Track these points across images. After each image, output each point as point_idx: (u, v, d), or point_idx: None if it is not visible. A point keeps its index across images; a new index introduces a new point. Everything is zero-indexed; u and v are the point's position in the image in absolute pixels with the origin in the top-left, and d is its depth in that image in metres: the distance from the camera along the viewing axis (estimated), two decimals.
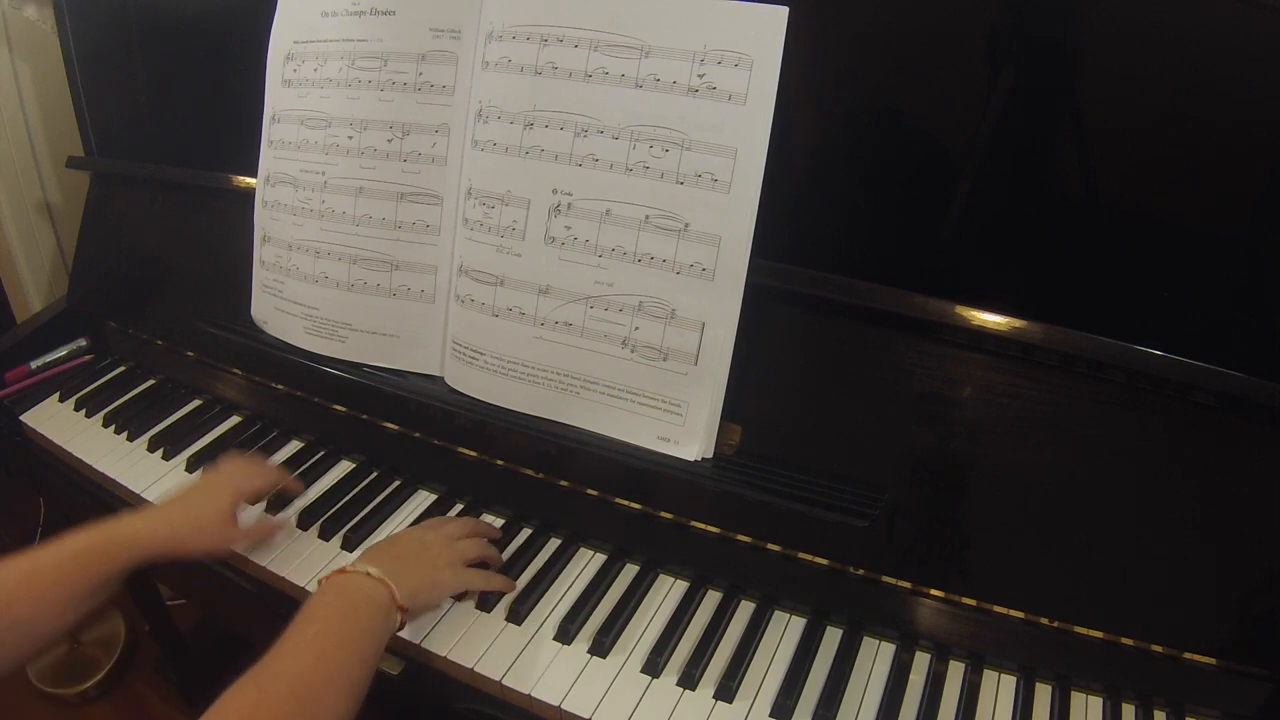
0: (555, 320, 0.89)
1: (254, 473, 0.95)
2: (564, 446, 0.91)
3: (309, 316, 1.04)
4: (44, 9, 1.44)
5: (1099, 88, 0.75)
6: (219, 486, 0.91)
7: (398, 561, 0.80)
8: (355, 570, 0.75)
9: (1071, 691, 0.81)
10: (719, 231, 0.82)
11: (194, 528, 0.86)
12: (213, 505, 0.88)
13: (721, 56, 0.80)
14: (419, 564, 0.81)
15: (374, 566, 0.76)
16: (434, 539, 0.86)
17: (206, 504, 0.88)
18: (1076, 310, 0.77)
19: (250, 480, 0.94)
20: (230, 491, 0.90)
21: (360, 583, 0.75)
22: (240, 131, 1.09)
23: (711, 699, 0.79)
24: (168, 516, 0.86)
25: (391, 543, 0.86)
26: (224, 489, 0.90)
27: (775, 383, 0.86)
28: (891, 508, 0.81)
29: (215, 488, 0.91)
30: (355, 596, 0.74)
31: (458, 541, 0.87)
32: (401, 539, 0.86)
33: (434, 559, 0.83)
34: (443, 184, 0.95)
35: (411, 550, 0.83)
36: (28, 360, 1.25)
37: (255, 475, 0.95)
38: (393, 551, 0.83)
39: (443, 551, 0.84)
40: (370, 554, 0.82)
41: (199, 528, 0.86)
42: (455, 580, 0.84)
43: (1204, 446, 0.75)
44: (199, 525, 0.86)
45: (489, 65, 0.90)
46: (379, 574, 0.75)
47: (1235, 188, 0.75)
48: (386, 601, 0.74)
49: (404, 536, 0.87)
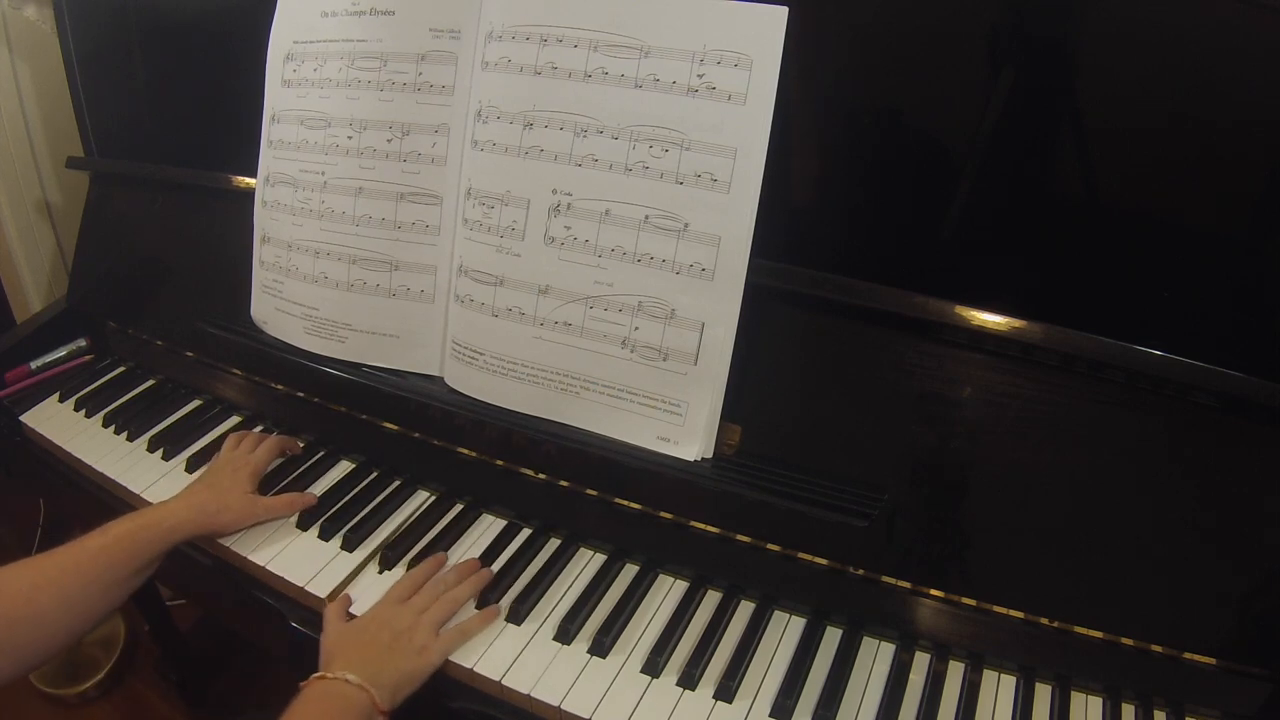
0: (555, 320, 0.89)
1: (262, 448, 1.03)
2: (564, 446, 0.91)
3: (309, 316, 1.04)
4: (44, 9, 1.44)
5: (1099, 88, 0.75)
6: (238, 467, 0.99)
7: (374, 661, 0.77)
8: (336, 678, 0.74)
9: (1071, 691, 0.81)
10: (719, 231, 0.82)
11: (220, 506, 0.93)
12: (236, 485, 0.96)
13: (721, 56, 0.80)
14: (394, 656, 0.78)
15: (353, 673, 0.74)
16: (404, 619, 0.81)
17: (230, 485, 0.96)
18: (1076, 310, 0.77)
19: (260, 455, 1.02)
20: (249, 471, 0.98)
21: (342, 690, 0.73)
22: (240, 131, 1.09)
23: (711, 699, 0.79)
24: (198, 500, 0.94)
25: (361, 633, 0.80)
26: (243, 469, 0.98)
27: (775, 383, 0.86)
28: (891, 508, 0.81)
29: (235, 469, 0.98)
30: (339, 706, 0.73)
31: (428, 611, 0.83)
32: (370, 628, 0.81)
33: (407, 645, 0.79)
34: (442, 184, 0.95)
35: (384, 640, 0.79)
36: (28, 360, 1.25)
37: (263, 450, 1.03)
38: (367, 650, 0.78)
39: (415, 631, 0.80)
40: (344, 653, 0.78)
41: (225, 505, 0.94)
42: (435, 658, 0.80)
43: (1204, 446, 0.75)
44: (224, 504, 0.94)
45: (489, 65, 0.90)
46: (358, 681, 0.73)
47: (1235, 188, 0.75)
48: (368, 709, 0.73)
49: (373, 624, 0.81)
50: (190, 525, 0.91)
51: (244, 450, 1.02)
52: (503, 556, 0.94)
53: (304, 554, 0.94)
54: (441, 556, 0.92)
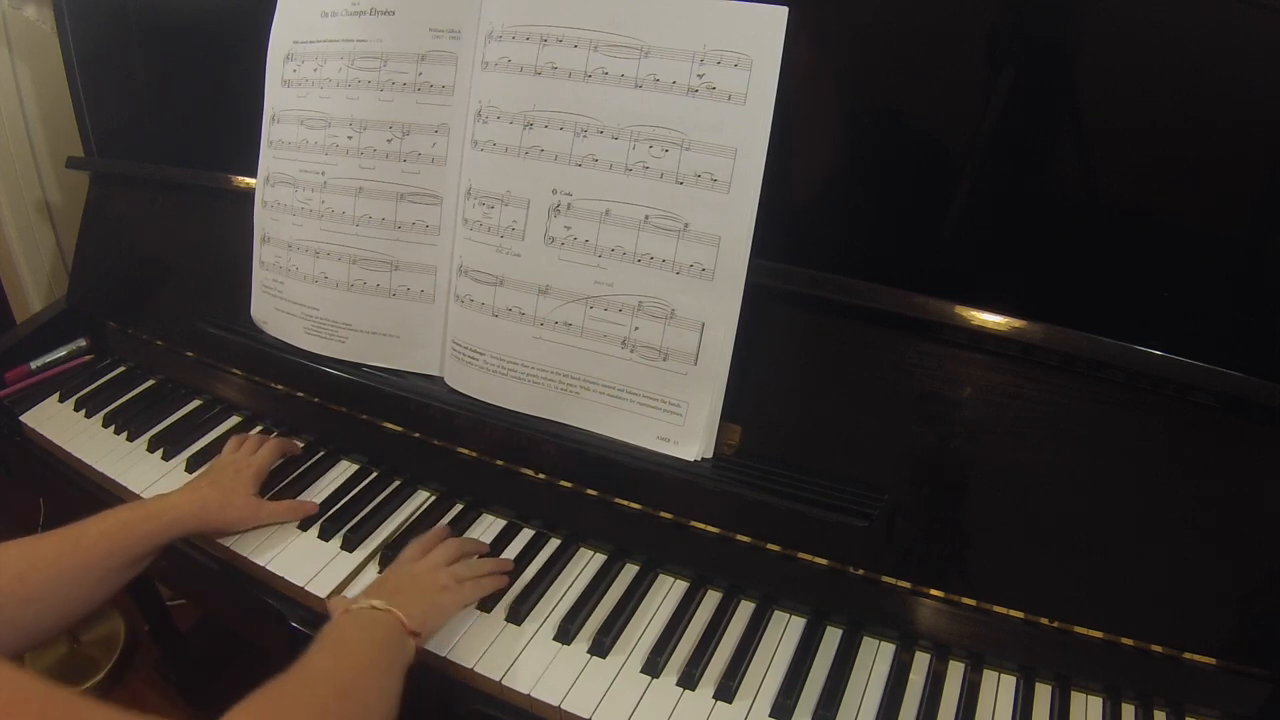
0: (555, 320, 0.89)
1: (264, 449, 1.02)
2: (564, 446, 0.91)
3: (309, 316, 1.04)
4: (44, 9, 1.44)
5: (1099, 88, 0.75)
6: (241, 467, 0.98)
7: (396, 594, 0.79)
8: (360, 605, 0.76)
9: (1071, 691, 0.81)
10: (719, 231, 0.82)
11: (222, 504, 0.93)
12: (239, 484, 0.96)
13: (721, 56, 0.80)
14: (415, 593, 0.81)
15: (377, 599, 0.76)
16: (422, 569, 0.85)
17: (232, 482, 0.96)
18: (1076, 310, 0.77)
19: (263, 456, 1.01)
20: (252, 471, 0.98)
21: (370, 614, 0.75)
22: (240, 131, 1.09)
23: (711, 699, 0.79)
24: (199, 496, 0.93)
25: (382, 581, 0.84)
26: (246, 469, 0.98)
27: (775, 383, 0.86)
28: (891, 508, 0.81)
29: (238, 469, 0.98)
30: (369, 623, 0.74)
31: (446, 567, 0.86)
32: (390, 576, 0.85)
33: (427, 586, 0.82)
34: (442, 184, 0.95)
35: (404, 583, 0.82)
36: (28, 360, 1.25)
37: (265, 451, 1.02)
38: (387, 587, 0.82)
39: (435, 577, 0.83)
40: (368, 590, 0.81)
41: (226, 504, 0.93)
42: (456, 599, 0.83)
43: (1204, 446, 0.75)
44: (226, 502, 0.93)
45: (489, 65, 0.90)
46: (384, 605, 0.75)
47: (1235, 188, 0.75)
48: (398, 627, 0.75)
49: (392, 573, 0.85)
50: (191, 520, 0.90)
51: (246, 452, 1.02)
52: (503, 556, 0.94)
53: (304, 554, 0.94)
54: (445, 528, 0.95)
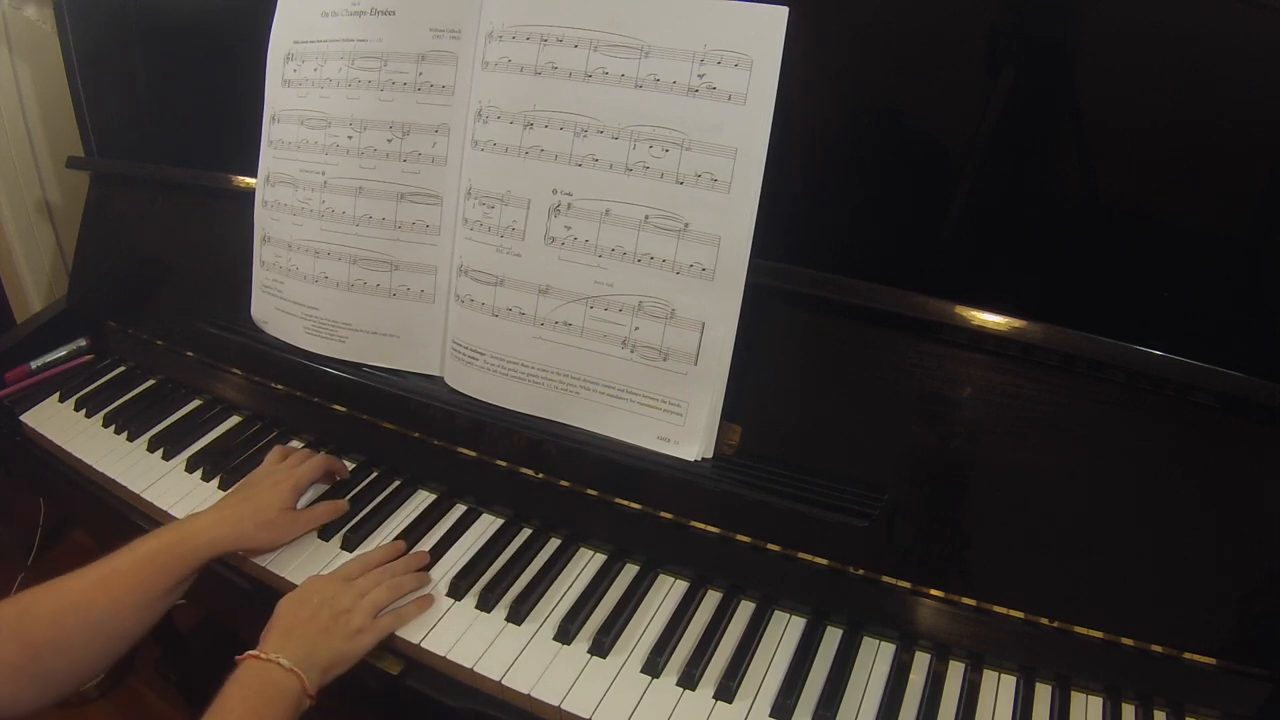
0: (555, 320, 0.89)
1: (309, 465, 0.99)
2: (564, 446, 0.91)
3: (309, 316, 1.04)
4: (44, 9, 1.44)
5: (1099, 88, 0.75)
6: (279, 482, 0.94)
7: (308, 644, 0.77)
8: (268, 658, 0.75)
9: (1071, 691, 0.81)
10: (719, 231, 0.82)
11: (258, 522, 0.90)
12: (274, 499, 0.92)
13: (721, 57, 0.80)
14: (329, 638, 0.79)
15: (285, 655, 0.75)
16: (345, 599, 0.82)
17: (268, 498, 0.92)
18: (1076, 310, 0.77)
19: (305, 472, 0.97)
20: (290, 486, 0.94)
21: (272, 674, 0.75)
22: (240, 131, 1.09)
23: (711, 699, 0.79)
24: (234, 514, 0.90)
25: (300, 609, 0.81)
26: (284, 484, 0.94)
27: (775, 383, 0.86)
28: (891, 508, 0.81)
29: (275, 483, 0.94)
30: (268, 691, 0.74)
31: (369, 595, 0.83)
32: (311, 603, 0.81)
33: (344, 627, 0.80)
34: (442, 184, 0.95)
35: (321, 621, 0.80)
36: (28, 360, 1.25)
37: (309, 468, 0.98)
38: (301, 628, 0.79)
39: (354, 614, 0.81)
40: (280, 630, 0.79)
41: (263, 521, 0.90)
42: (369, 641, 0.81)
43: (1204, 446, 0.75)
44: (263, 519, 0.90)
45: (489, 65, 0.90)
46: (289, 665, 0.75)
47: (1235, 188, 0.75)
48: (297, 693, 0.75)
49: (314, 598, 0.82)
50: (226, 541, 0.87)
51: (287, 465, 0.98)
52: (503, 556, 0.94)
53: (304, 554, 0.94)
54: (400, 544, 0.93)
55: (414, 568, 0.90)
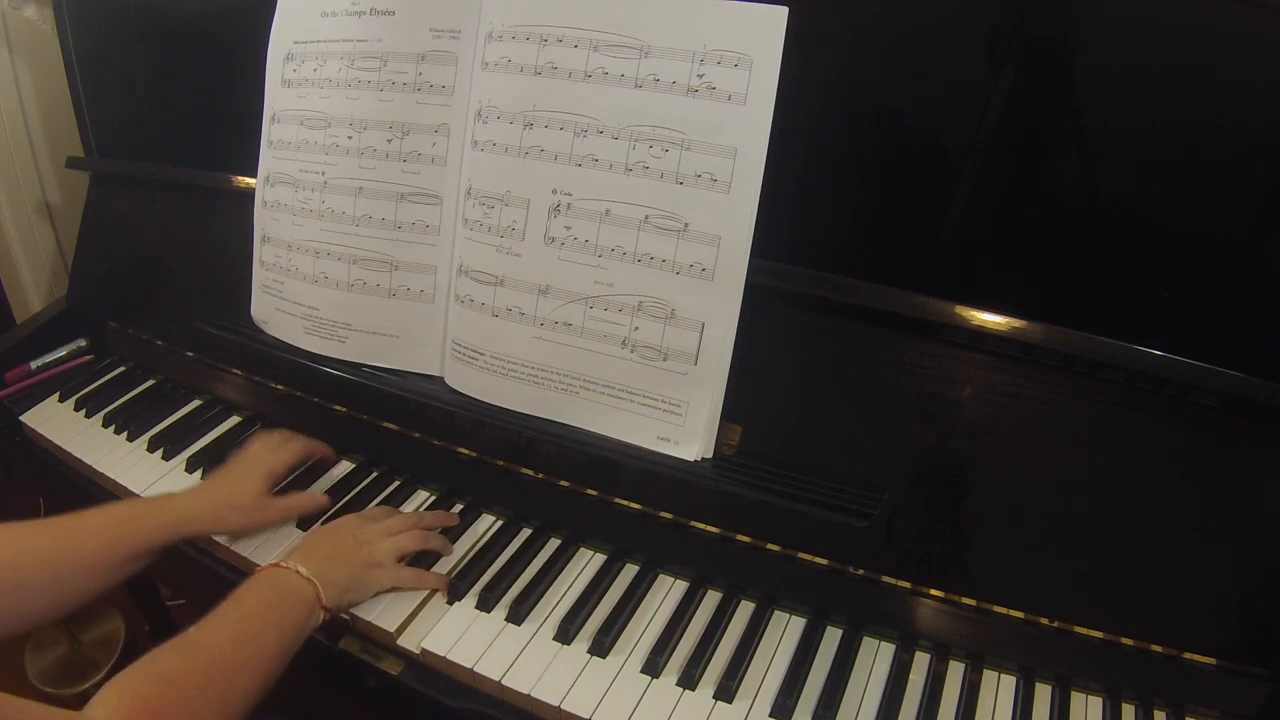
0: (555, 320, 0.89)
1: (285, 449, 0.98)
2: (564, 446, 0.91)
3: (309, 316, 1.04)
4: (44, 9, 1.44)
5: (1099, 88, 0.75)
6: (254, 466, 0.94)
7: (329, 561, 0.81)
8: (288, 566, 0.78)
9: (1071, 691, 0.81)
10: (719, 231, 0.82)
11: (232, 505, 0.90)
12: (249, 484, 0.92)
13: (721, 56, 0.80)
14: (349, 561, 0.82)
15: (305, 565, 0.78)
16: (371, 533, 0.86)
17: (243, 483, 0.92)
18: (1076, 310, 0.77)
19: (281, 456, 0.97)
20: (264, 471, 0.94)
21: (289, 579, 0.77)
22: (240, 131, 1.09)
23: (711, 699, 0.79)
24: (208, 496, 0.91)
25: (327, 534, 0.85)
26: (258, 468, 0.94)
27: (775, 383, 0.86)
28: (891, 508, 0.81)
29: (250, 467, 0.94)
30: (283, 589, 0.77)
31: (395, 536, 0.86)
32: (338, 530, 0.85)
33: (366, 557, 0.83)
34: (442, 184, 0.95)
35: (345, 545, 0.83)
36: (28, 360, 1.25)
37: (286, 451, 0.98)
38: (325, 547, 0.83)
39: (377, 548, 0.85)
40: (304, 548, 0.83)
41: (236, 505, 0.90)
42: (386, 579, 0.84)
43: (1204, 446, 0.75)
44: (237, 503, 0.90)
45: (489, 65, 0.90)
46: (308, 573, 0.78)
47: (1235, 188, 0.75)
48: (311, 600, 0.77)
49: (342, 527, 0.86)
50: (196, 522, 0.88)
51: (264, 449, 0.98)
52: (503, 556, 0.94)
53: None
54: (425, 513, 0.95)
55: (442, 524, 0.92)
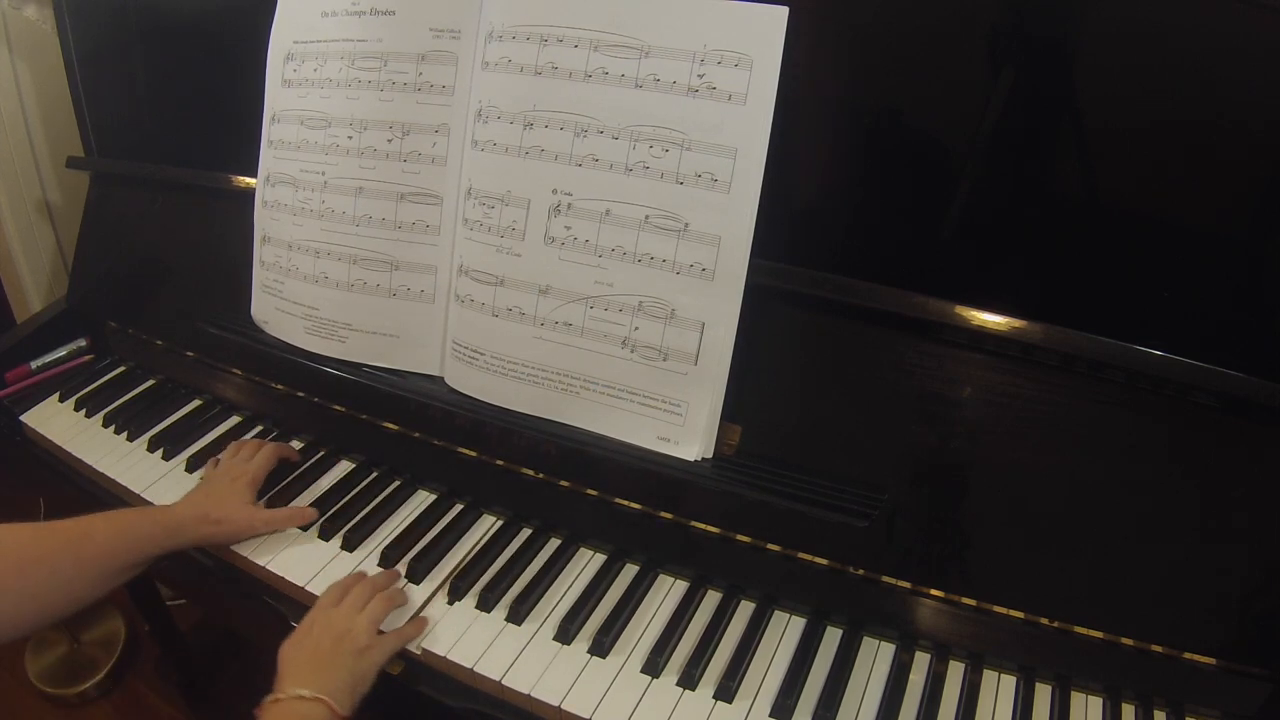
0: (555, 320, 0.89)
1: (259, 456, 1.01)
2: (564, 446, 0.91)
3: (309, 316, 1.04)
4: (44, 9, 1.44)
5: (1099, 88, 0.75)
6: (236, 477, 0.98)
7: (321, 671, 0.77)
8: (287, 697, 0.74)
9: (1071, 691, 0.81)
10: (719, 231, 0.82)
11: (222, 516, 0.93)
12: (235, 495, 0.95)
13: (721, 56, 0.80)
14: (340, 659, 0.78)
15: (304, 687, 0.74)
16: (341, 621, 0.81)
17: (230, 494, 0.95)
18: (1076, 310, 0.77)
19: (258, 463, 1.00)
20: (248, 480, 0.97)
21: (298, 709, 0.73)
22: (240, 131, 1.09)
23: (711, 699, 0.79)
24: (198, 508, 0.93)
25: (304, 640, 0.80)
26: (241, 478, 0.97)
27: (775, 383, 0.86)
28: (891, 508, 0.81)
29: (233, 478, 0.97)
30: None
31: (365, 610, 0.83)
32: (313, 633, 0.81)
33: (350, 646, 0.79)
34: (443, 184, 0.95)
35: (324, 648, 0.79)
36: (28, 360, 1.25)
37: (260, 458, 1.01)
38: (313, 658, 0.78)
39: (355, 632, 0.80)
40: (290, 670, 0.77)
41: (225, 514, 0.93)
42: (379, 656, 0.80)
43: (1204, 446, 0.75)
44: (224, 513, 0.93)
45: (489, 65, 0.90)
46: (312, 694, 0.73)
47: (1235, 188, 0.75)
48: (327, 717, 0.73)
49: (314, 629, 0.81)
50: (191, 533, 0.91)
51: (241, 459, 1.01)
52: (503, 556, 0.94)
53: (304, 554, 0.94)
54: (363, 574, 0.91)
55: (393, 582, 0.89)
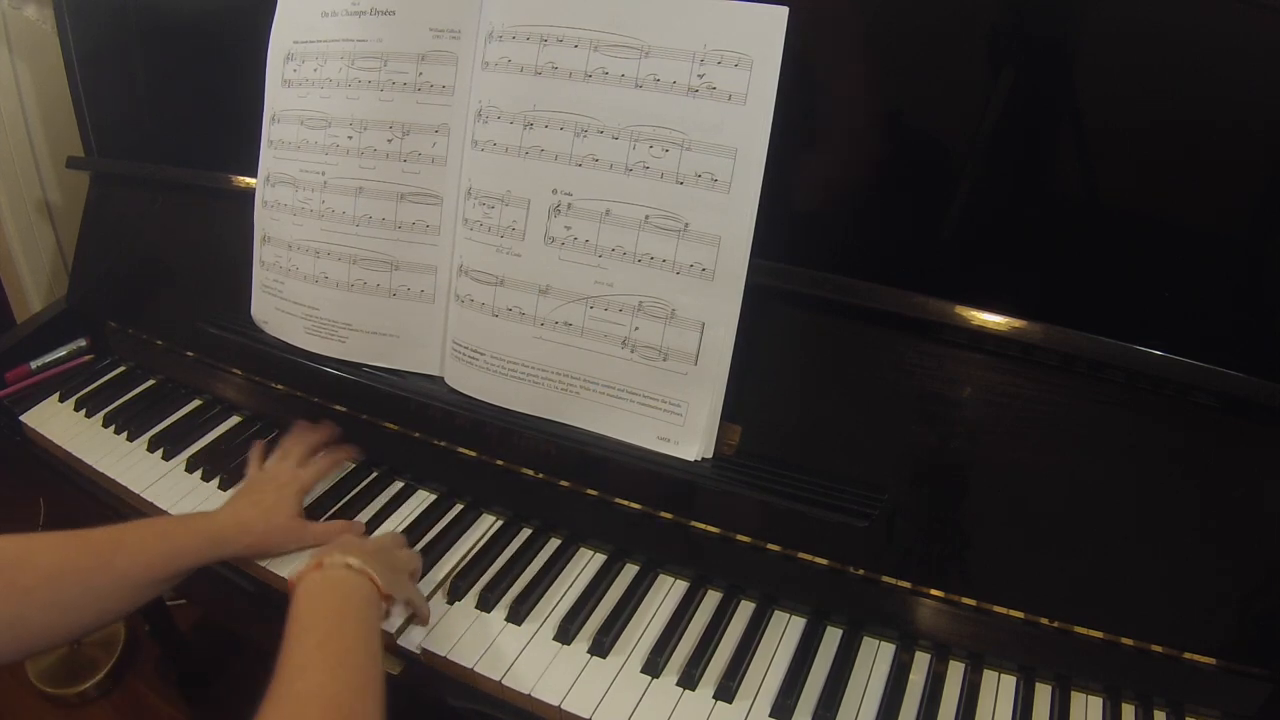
0: (555, 320, 0.89)
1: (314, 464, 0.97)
2: (564, 447, 0.91)
3: (309, 316, 1.04)
4: (44, 9, 1.44)
5: (1099, 88, 0.75)
6: (285, 484, 0.93)
7: (366, 555, 0.76)
8: (334, 564, 0.73)
9: (1071, 691, 0.81)
10: (719, 231, 0.82)
11: (270, 528, 0.88)
12: (284, 505, 0.90)
13: (721, 56, 0.80)
14: (380, 560, 0.79)
15: (352, 557, 0.73)
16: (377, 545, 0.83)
17: (279, 505, 0.90)
18: (1076, 310, 0.77)
19: (311, 472, 0.96)
20: (297, 489, 0.93)
21: (343, 576, 0.72)
22: (240, 131, 1.09)
23: (711, 699, 0.79)
24: (244, 517, 0.88)
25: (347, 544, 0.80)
26: (290, 486, 0.93)
27: (775, 383, 0.86)
28: (891, 508, 0.81)
29: (282, 485, 0.92)
30: (345, 591, 0.71)
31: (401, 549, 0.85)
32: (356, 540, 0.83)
33: (391, 560, 0.81)
34: (443, 184, 0.95)
35: (369, 547, 0.81)
36: (28, 360, 1.25)
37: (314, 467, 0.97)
38: (354, 546, 0.79)
39: (396, 555, 0.83)
40: (338, 547, 0.77)
41: (275, 526, 0.89)
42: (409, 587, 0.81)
43: (1204, 446, 0.75)
44: (274, 524, 0.89)
45: (489, 65, 0.90)
46: (359, 564, 0.72)
47: (1235, 188, 0.75)
48: (372, 592, 0.72)
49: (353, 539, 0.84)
50: (234, 545, 0.86)
51: (291, 463, 0.95)
52: (503, 556, 0.94)
53: (305, 554, 0.94)
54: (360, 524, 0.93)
55: None
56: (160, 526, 0.83)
